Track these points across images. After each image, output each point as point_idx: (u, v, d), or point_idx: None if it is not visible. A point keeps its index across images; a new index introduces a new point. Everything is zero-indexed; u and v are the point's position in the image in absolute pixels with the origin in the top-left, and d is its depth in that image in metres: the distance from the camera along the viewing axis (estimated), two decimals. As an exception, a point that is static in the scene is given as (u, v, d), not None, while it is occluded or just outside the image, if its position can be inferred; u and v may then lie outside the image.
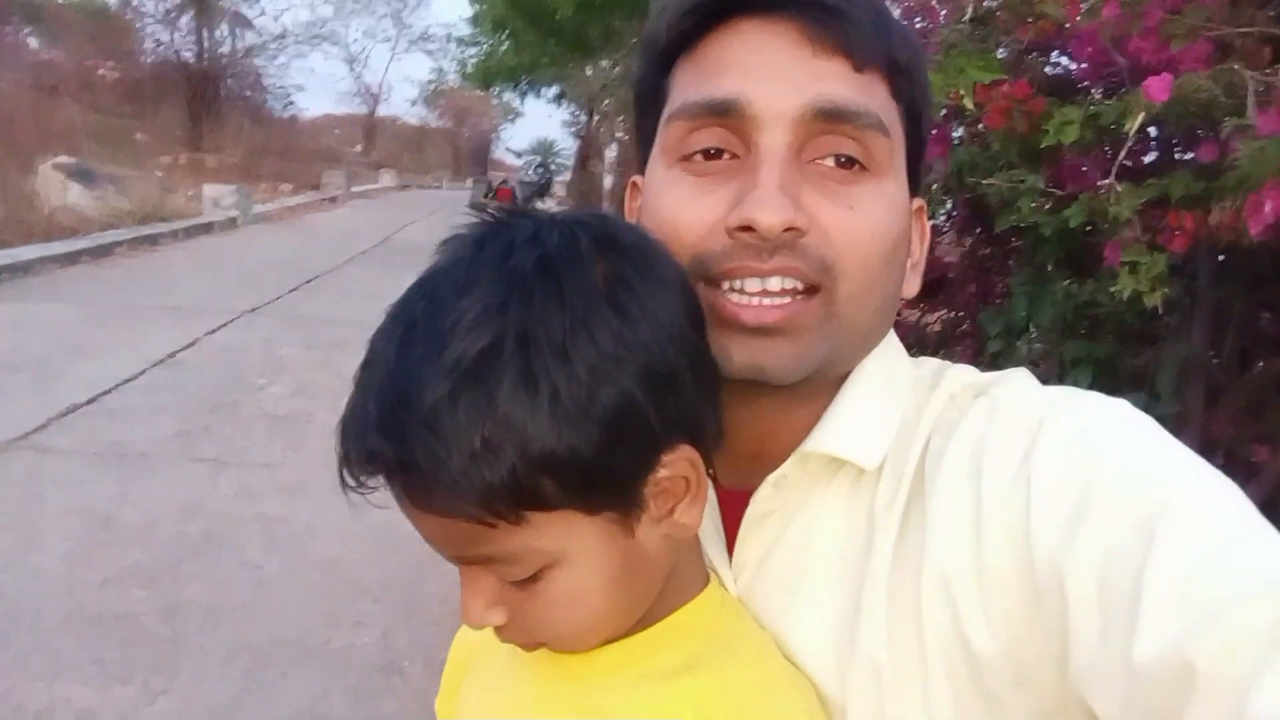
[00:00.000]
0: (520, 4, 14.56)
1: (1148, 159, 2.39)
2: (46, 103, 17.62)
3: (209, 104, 22.31)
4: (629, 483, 0.56)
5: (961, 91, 1.96)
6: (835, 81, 0.63)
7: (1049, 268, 2.69)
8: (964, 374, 0.70)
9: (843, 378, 0.68)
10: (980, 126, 2.36)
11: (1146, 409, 1.98)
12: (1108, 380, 2.58)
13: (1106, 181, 1.85)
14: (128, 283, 9.13)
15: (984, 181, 2.12)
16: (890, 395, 0.68)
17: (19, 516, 3.79)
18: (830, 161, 0.63)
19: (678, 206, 0.65)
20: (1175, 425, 2.35)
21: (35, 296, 8.12)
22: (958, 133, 2.71)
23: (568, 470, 0.52)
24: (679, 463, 0.58)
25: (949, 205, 3.22)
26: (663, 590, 0.63)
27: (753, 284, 0.62)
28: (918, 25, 2.71)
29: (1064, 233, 2.24)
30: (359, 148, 32.95)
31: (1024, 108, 2.09)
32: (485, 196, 11.76)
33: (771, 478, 0.66)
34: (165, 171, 17.18)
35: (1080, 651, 0.52)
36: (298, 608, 3.11)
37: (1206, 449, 2.35)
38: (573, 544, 0.56)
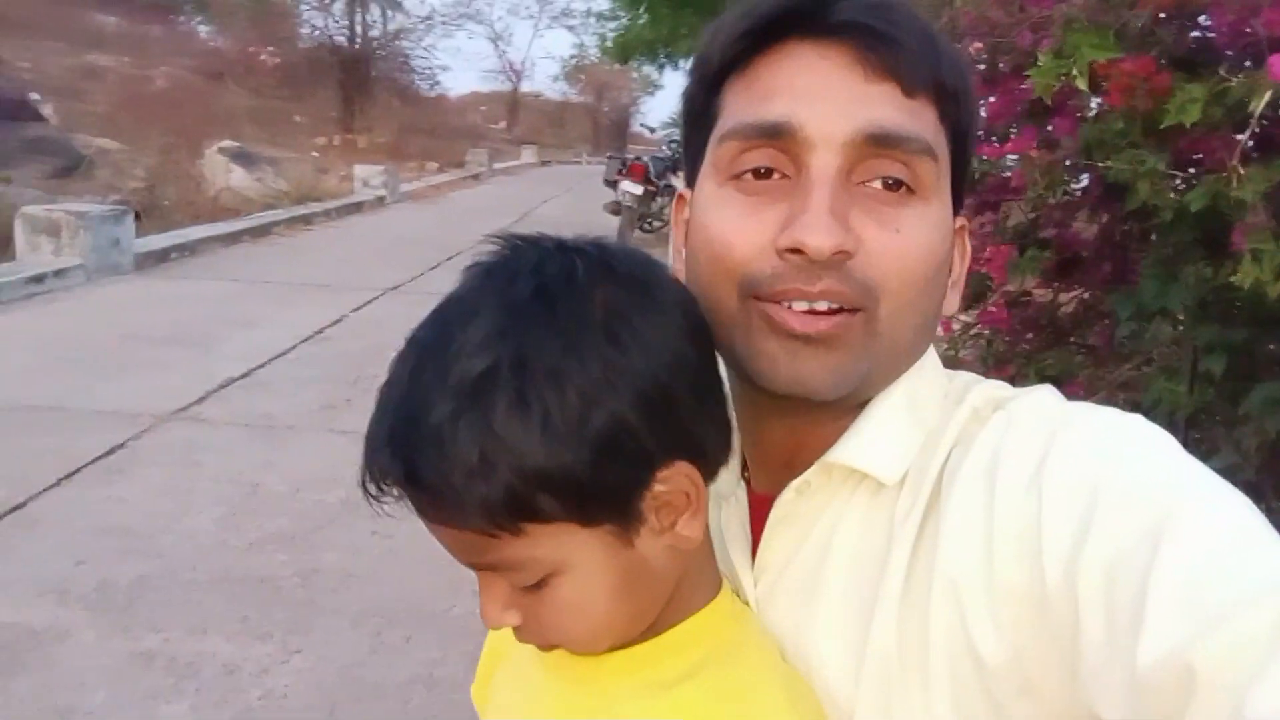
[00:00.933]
0: (657, -22, 14.54)
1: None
2: (212, 88, 18.70)
3: (360, 86, 23.19)
4: (623, 497, 0.59)
5: (1075, 73, 1.88)
6: (886, 106, 0.64)
7: (1183, 249, 2.55)
8: (990, 389, 0.70)
9: (874, 395, 0.69)
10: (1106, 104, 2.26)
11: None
12: (1244, 367, 2.44)
13: (1232, 164, 1.75)
14: (283, 261, 9.66)
15: (1101, 165, 2.03)
16: (917, 411, 0.69)
17: (177, 483, 4.10)
18: (878, 184, 0.64)
19: (727, 225, 0.66)
20: (1314, 417, 2.21)
21: (199, 274, 8.69)
22: (1093, 105, 2.60)
23: (561, 486, 0.56)
24: (676, 478, 0.60)
25: (1083, 181, 3.09)
26: (672, 599, 0.65)
27: (800, 305, 0.64)
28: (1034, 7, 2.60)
29: (1193, 214, 2.12)
30: (502, 124, 33.66)
31: (1147, 84, 1.99)
32: (619, 173, 11.82)
33: (794, 484, 0.68)
34: (319, 153, 18.02)
35: (1087, 659, 0.53)
36: (423, 575, 3.27)
37: (1348, 443, 2.20)
38: (573, 554, 0.59)
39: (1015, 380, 3.15)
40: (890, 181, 0.64)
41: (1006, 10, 2.74)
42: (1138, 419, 0.62)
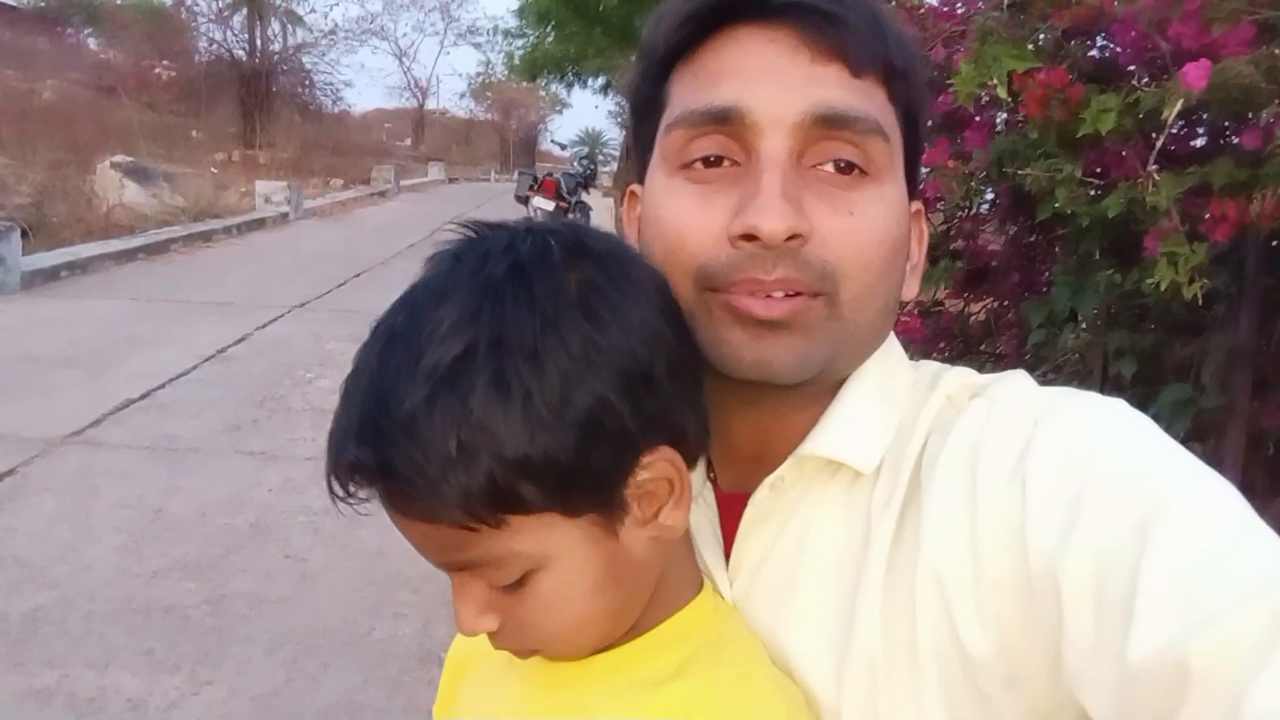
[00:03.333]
0: (565, -5, 14.59)
1: (1197, 143, 2.33)
2: (105, 102, 18.06)
3: (261, 101, 22.66)
4: (608, 484, 0.57)
5: (995, 81, 1.92)
6: (834, 87, 0.63)
7: (1093, 256, 2.64)
8: (962, 375, 0.69)
9: (842, 382, 0.68)
10: (1020, 115, 2.33)
11: (1191, 400, 1.93)
12: (1152, 370, 2.53)
13: (1147, 171, 1.81)
14: (182, 279, 9.33)
15: (1019, 171, 2.08)
16: (888, 398, 0.68)
17: (74, 509, 3.89)
18: (830, 167, 0.63)
19: (680, 215, 0.64)
20: (1222, 416, 2.29)
21: (92, 293, 8.33)
22: (1000, 119, 2.67)
23: (544, 473, 0.53)
24: (660, 464, 0.58)
25: (991, 194, 3.17)
26: (654, 597, 0.63)
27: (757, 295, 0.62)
28: (959, 11, 2.67)
29: (1106, 221, 2.19)
30: (408, 141, 33.29)
31: (1061, 95, 2.04)
32: (530, 189, 11.80)
33: (769, 480, 0.66)
34: (219, 169, 17.52)
35: (1074, 651, 0.52)
36: (340, 599, 3.16)
37: (1254, 441, 2.29)
38: (555, 547, 0.56)
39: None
40: (842, 164, 0.63)
41: (920, 25, 2.80)
42: (1120, 405, 0.61)
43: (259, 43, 24.13)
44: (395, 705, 2.60)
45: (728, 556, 0.70)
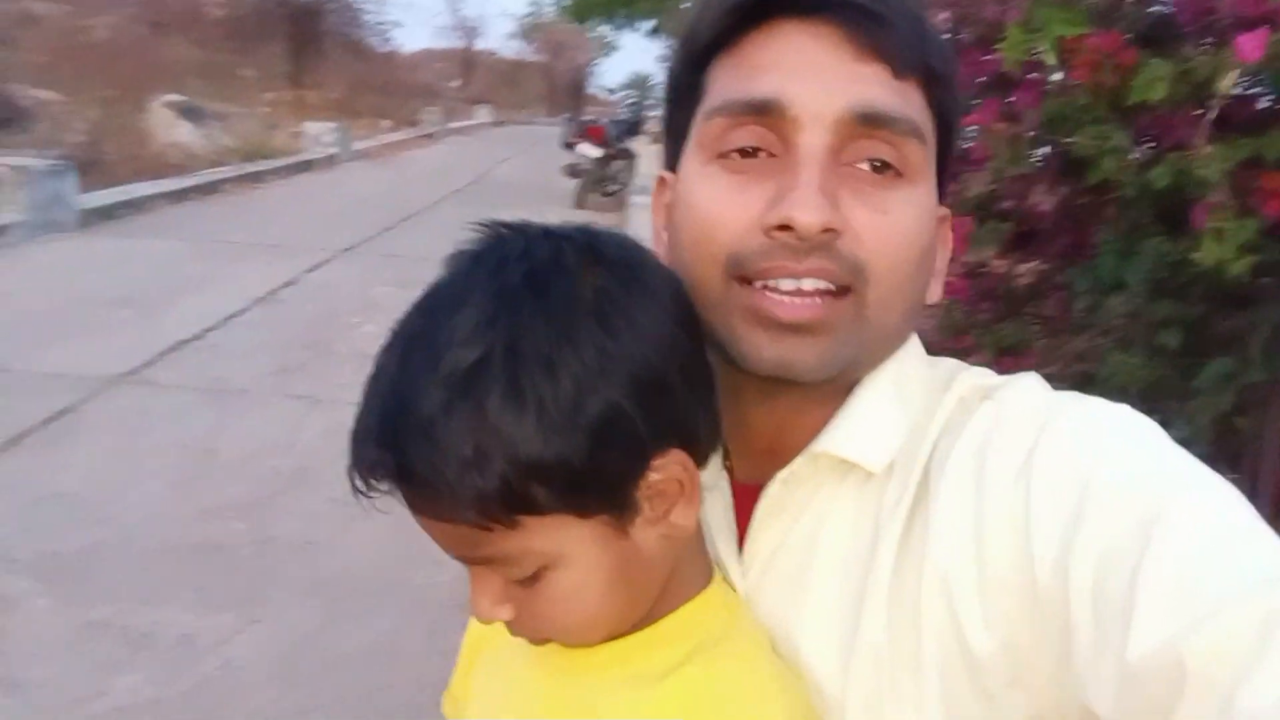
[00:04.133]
0: (615, -64, 14.34)
1: (1260, 106, 2.26)
2: (155, 39, 18.14)
3: (310, 40, 22.64)
4: (619, 487, 0.58)
5: (1043, 48, 1.88)
6: (875, 86, 0.63)
7: (1141, 224, 2.58)
8: (976, 376, 0.70)
9: (860, 380, 0.69)
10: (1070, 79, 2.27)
11: (1237, 374, 1.90)
12: (1198, 342, 2.49)
13: (1196, 143, 1.77)
14: (233, 220, 9.46)
15: (1064, 140, 2.04)
16: (902, 398, 0.69)
17: (126, 448, 4.02)
18: (866, 166, 0.64)
19: (714, 203, 0.65)
20: (1267, 390, 2.26)
21: (146, 233, 8.48)
22: (1053, 79, 2.61)
23: (556, 476, 0.54)
24: (671, 466, 0.60)
25: (1041, 154, 3.10)
26: (665, 588, 0.64)
27: (787, 284, 0.63)
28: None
29: (1154, 190, 2.14)
30: (456, 83, 33.13)
31: (1113, 60, 1.99)
32: (577, 135, 11.72)
33: (781, 475, 0.67)
34: (269, 108, 17.60)
35: (1078, 652, 0.53)
36: (382, 545, 3.24)
37: (1298, 419, 2.26)
38: (568, 546, 0.58)
39: (972, 350, 3.18)
40: (878, 163, 0.63)
41: (972, -20, 2.73)
42: (1125, 409, 0.62)
43: (309, -20, 24.03)
44: (433, 649, 2.68)
45: (741, 547, 0.71)
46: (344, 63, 23.05)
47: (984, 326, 3.36)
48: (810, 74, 0.63)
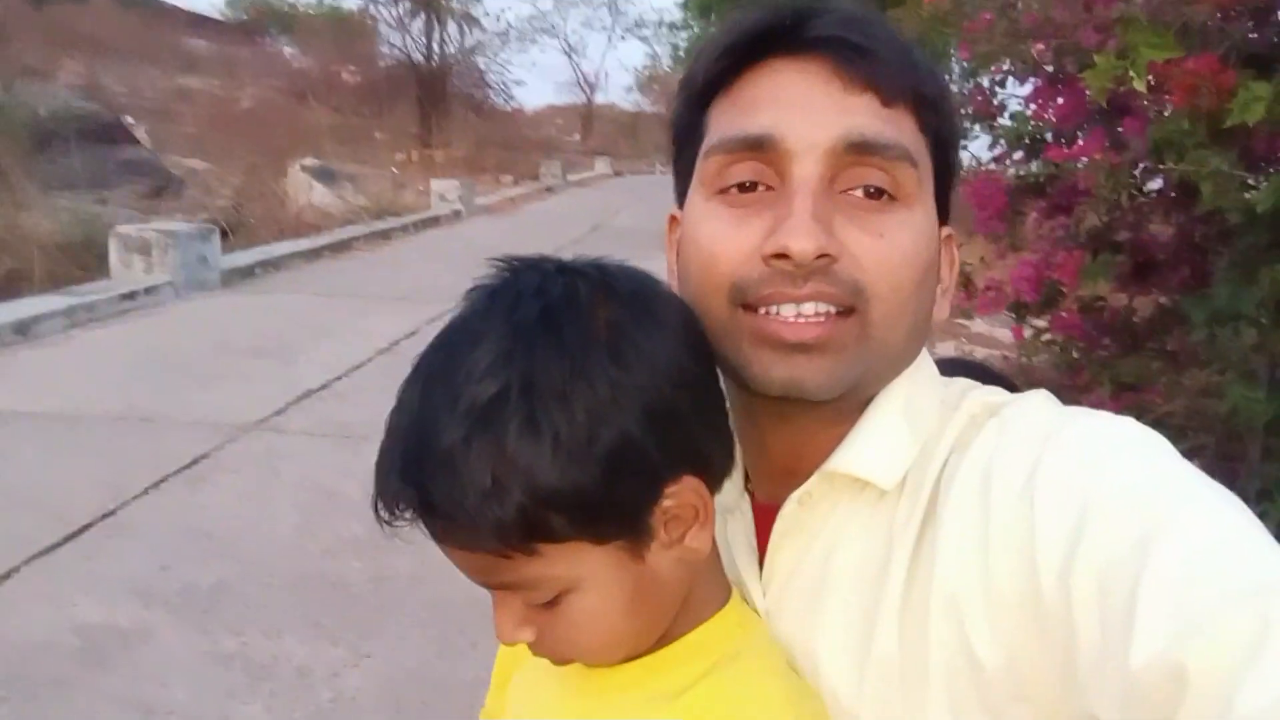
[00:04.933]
0: (727, -13, 14.55)
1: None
2: (295, 107, 19.25)
3: (437, 101, 23.63)
4: (634, 514, 0.61)
5: (1133, 74, 1.85)
6: (865, 115, 0.65)
7: (1259, 251, 2.48)
8: (986, 394, 0.71)
9: (871, 398, 0.70)
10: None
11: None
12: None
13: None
14: (362, 274, 9.90)
15: (1163, 166, 1.99)
16: (913, 417, 0.70)
17: (256, 490, 4.24)
18: (860, 192, 0.66)
19: (715, 237, 0.68)
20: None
21: (282, 288, 8.96)
22: (1162, 108, 2.54)
23: (573, 505, 0.57)
24: (684, 492, 0.62)
25: (1158, 183, 3.01)
26: (683, 608, 0.67)
27: (788, 309, 0.65)
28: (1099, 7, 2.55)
29: (1272, 214, 2.06)
30: (576, 136, 33.95)
31: (1212, 83, 1.94)
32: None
33: (796, 494, 0.69)
34: (398, 168, 18.42)
35: (1082, 662, 0.54)
36: (491, 582, 3.32)
37: None
38: (585, 571, 0.61)
39: (1089, 388, 3.06)
40: (872, 189, 0.65)
41: (1070, 10, 2.69)
42: (1129, 423, 0.62)
43: (436, 45, 25.17)
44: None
45: (762, 566, 0.73)
46: (469, 122, 23.95)
47: (1102, 363, 3.25)
48: (802, 108, 0.65)
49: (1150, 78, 2.00)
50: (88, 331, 7.00)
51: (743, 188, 0.67)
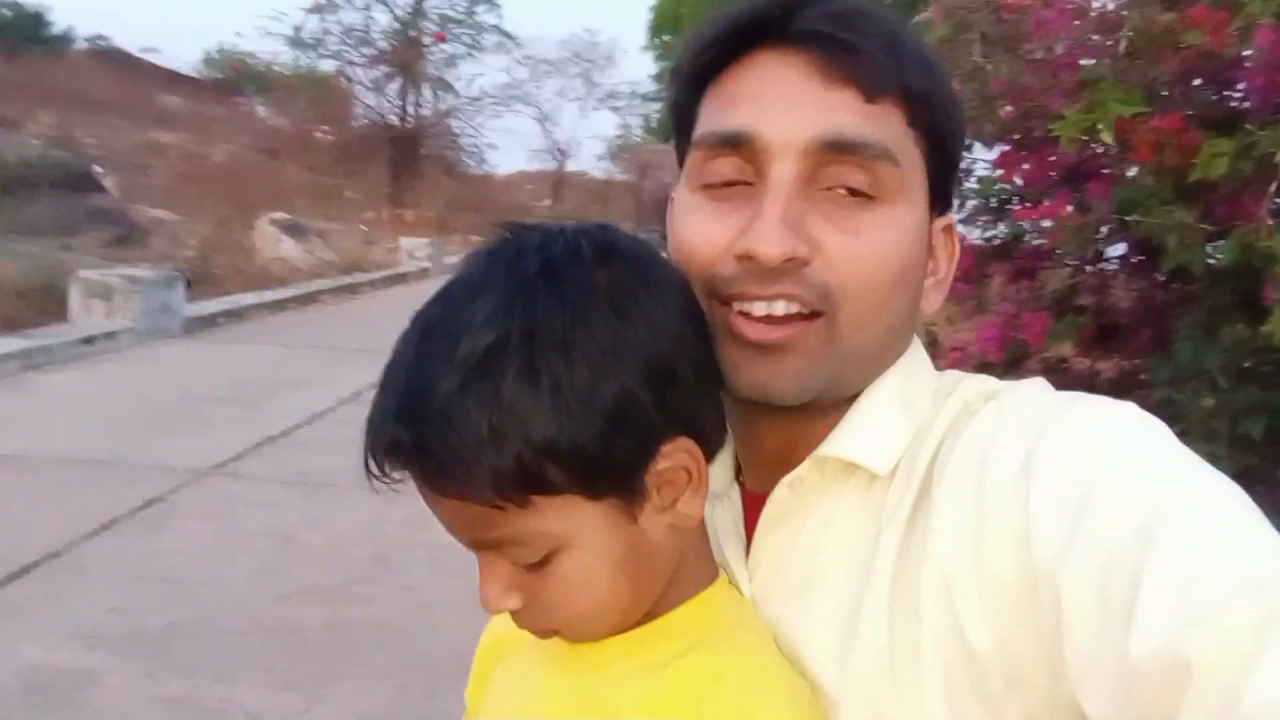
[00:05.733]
0: (700, 60, 14.90)
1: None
2: (269, 164, 19.30)
3: (410, 163, 23.78)
4: (629, 471, 0.60)
5: (1100, 126, 1.90)
6: (844, 113, 0.65)
7: (1220, 310, 2.53)
8: (979, 381, 0.70)
9: (851, 398, 0.69)
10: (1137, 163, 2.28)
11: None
12: (1285, 431, 2.40)
13: (1260, 217, 1.76)
14: (327, 327, 9.85)
15: (1127, 218, 2.04)
16: (907, 405, 0.69)
17: (214, 534, 4.15)
18: (841, 190, 0.65)
19: (694, 230, 0.68)
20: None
21: (246, 339, 8.89)
22: (1129, 171, 2.61)
23: (569, 457, 0.56)
24: (679, 454, 0.61)
25: (1120, 249, 3.08)
26: (670, 583, 0.65)
27: (758, 307, 0.65)
28: (1082, 63, 2.63)
29: (1234, 272, 2.11)
30: (547, 201, 34.26)
31: (1176, 141, 2.00)
32: (662, 247, 11.96)
33: (786, 479, 0.68)
34: (368, 225, 18.44)
35: (1076, 651, 0.53)
36: (451, 630, 3.25)
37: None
38: (577, 528, 0.59)
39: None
40: (852, 187, 0.65)
41: (1039, 76, 2.77)
42: (1129, 408, 0.61)
43: (411, 108, 25.41)
44: None
45: (749, 553, 0.72)
46: (441, 183, 24.07)
47: (1065, 425, 3.28)
48: (781, 105, 0.65)
49: (1114, 137, 2.06)
50: (44, 375, 6.89)
51: (725, 181, 0.67)
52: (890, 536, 0.64)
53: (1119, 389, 3.39)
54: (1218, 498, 0.53)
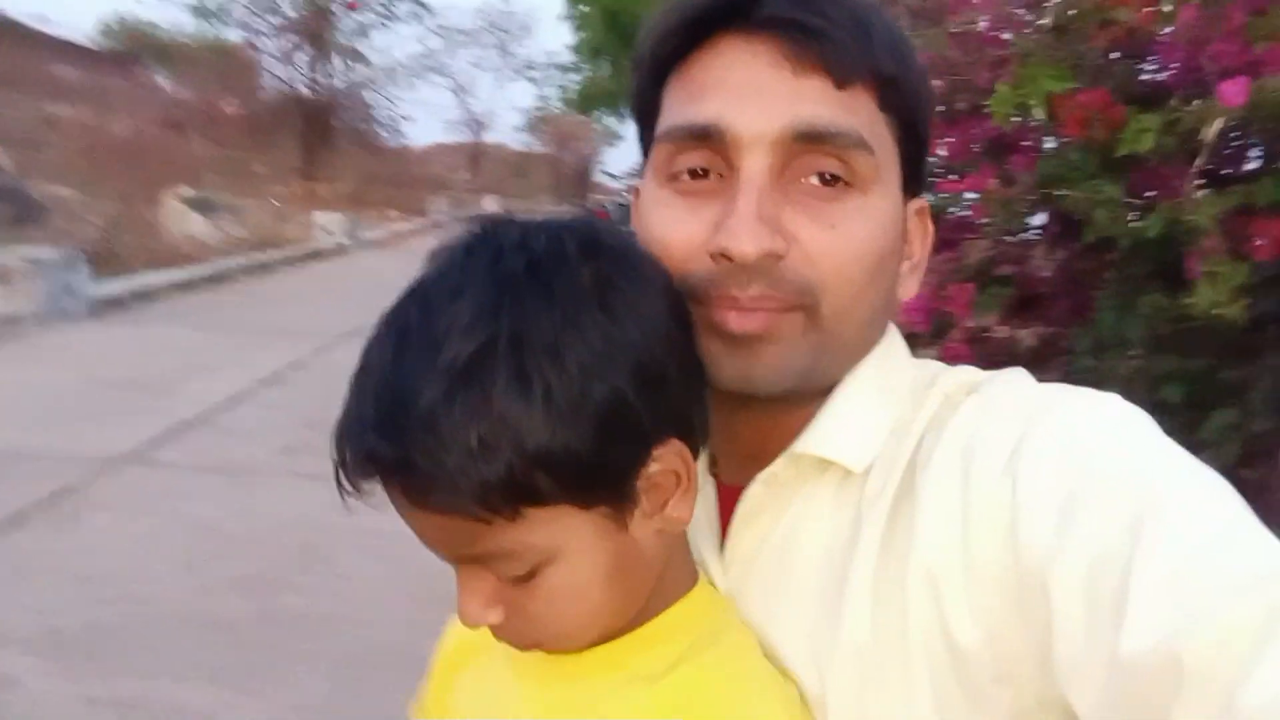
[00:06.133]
0: (618, 30, 14.82)
1: (1249, 167, 2.30)
2: (173, 138, 18.60)
3: (322, 135, 23.19)
4: (621, 477, 0.57)
5: (1032, 101, 1.92)
6: (815, 102, 0.63)
7: (1139, 280, 2.60)
8: (961, 373, 0.69)
9: (833, 385, 0.68)
10: (1064, 138, 2.32)
11: (1241, 424, 1.89)
12: (1202, 395, 2.48)
13: (1187, 190, 1.80)
14: (242, 307, 9.57)
15: (1057, 193, 2.07)
16: (885, 397, 0.68)
17: (133, 526, 4.00)
18: (814, 179, 0.64)
19: (664, 227, 0.66)
20: (1270, 441, 2.24)
21: (157, 320, 8.58)
22: (1049, 145, 2.65)
23: (562, 465, 0.53)
24: (669, 457, 0.59)
25: (1040, 219, 3.14)
26: (654, 589, 0.63)
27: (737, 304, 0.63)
28: (1005, 37, 2.67)
29: (1154, 243, 2.16)
30: (465, 174, 33.79)
31: (1103, 116, 2.04)
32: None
33: (762, 476, 0.67)
34: (280, 201, 17.94)
35: (1064, 646, 0.52)
36: (386, 617, 3.20)
37: (1306, 468, 2.24)
38: (567, 539, 0.57)
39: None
40: (826, 176, 0.63)
41: (965, 50, 2.80)
42: (1115, 400, 0.61)
43: (322, 79, 24.72)
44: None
45: (723, 548, 0.71)
46: (355, 157, 23.55)
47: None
48: (749, 95, 0.63)
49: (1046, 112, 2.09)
50: (-61, 362, 6.56)
51: (693, 174, 0.65)
52: (871, 531, 0.63)
53: (1039, 357, 3.48)
54: (1207, 493, 0.53)
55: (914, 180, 0.70)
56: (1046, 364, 3.41)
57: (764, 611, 0.66)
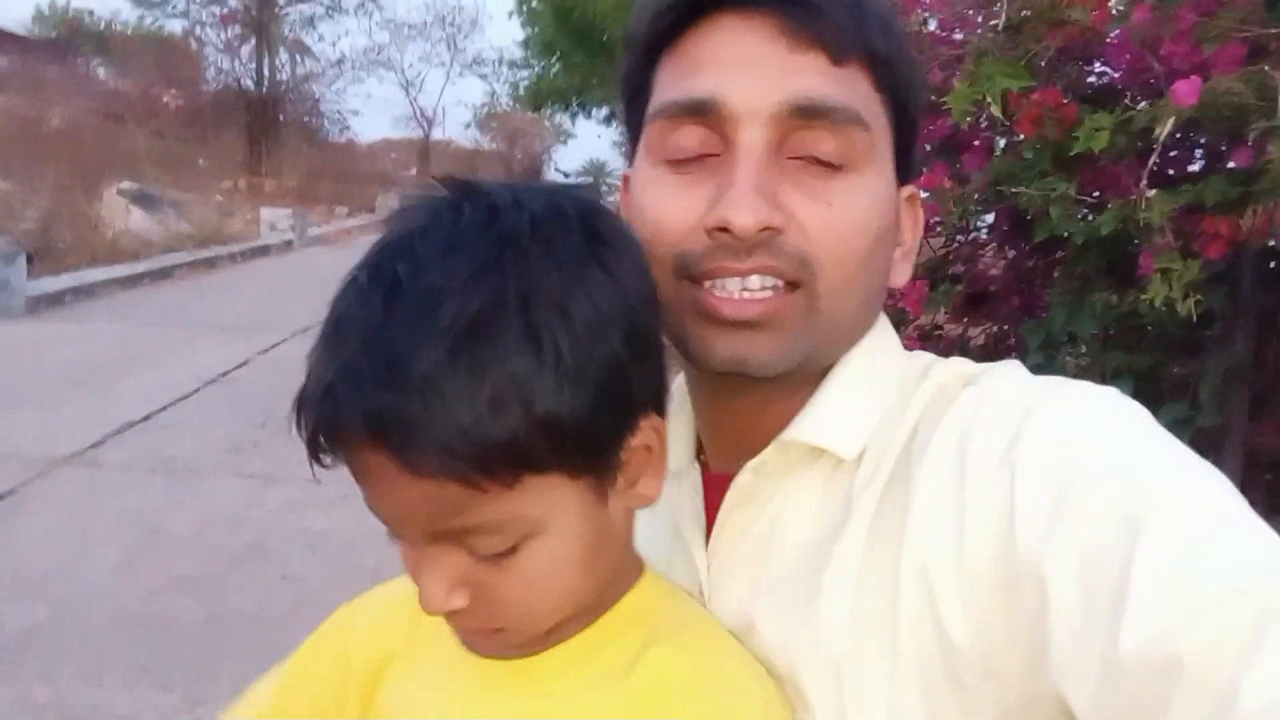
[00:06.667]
0: (569, 27, 14.77)
1: (1193, 167, 2.35)
2: (112, 130, 18.16)
3: (267, 130, 22.80)
4: (610, 446, 0.56)
5: (989, 99, 1.94)
6: (812, 76, 0.63)
7: (1090, 278, 2.65)
8: (954, 365, 0.69)
9: (828, 369, 0.68)
10: (1017, 137, 2.35)
11: (1189, 419, 1.93)
12: (1150, 390, 2.53)
13: (1140, 189, 1.83)
14: (186, 303, 9.37)
15: (1013, 190, 2.10)
16: (874, 386, 0.68)
17: (73, 527, 3.90)
18: (809, 156, 0.63)
19: (659, 205, 0.65)
20: (1218, 436, 2.30)
21: (97, 317, 8.36)
22: (1000, 143, 2.69)
23: (564, 430, 0.52)
24: (648, 430, 0.58)
25: (990, 218, 3.18)
26: (613, 571, 0.62)
27: (733, 283, 0.62)
28: (957, 36, 2.69)
29: (1103, 241, 2.20)
30: (413, 170, 33.45)
31: (1055, 115, 2.06)
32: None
33: (751, 464, 0.66)
34: (225, 196, 17.62)
35: (1058, 643, 0.51)
36: (337, 618, 3.15)
37: (1250, 460, 2.29)
38: (554, 511, 0.55)
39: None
40: (821, 154, 0.63)
41: (917, 48, 2.82)
42: (1112, 394, 0.60)
43: (267, 72, 24.31)
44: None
45: (709, 537, 0.70)
46: (301, 152, 23.16)
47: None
48: (745, 70, 0.63)
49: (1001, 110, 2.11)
50: None
51: (689, 153, 0.65)
52: (859, 518, 0.62)
53: (989, 353, 3.53)
54: (1203, 488, 0.53)
55: (905, 165, 0.70)
56: (996, 360, 3.48)
57: (746, 598, 0.66)
